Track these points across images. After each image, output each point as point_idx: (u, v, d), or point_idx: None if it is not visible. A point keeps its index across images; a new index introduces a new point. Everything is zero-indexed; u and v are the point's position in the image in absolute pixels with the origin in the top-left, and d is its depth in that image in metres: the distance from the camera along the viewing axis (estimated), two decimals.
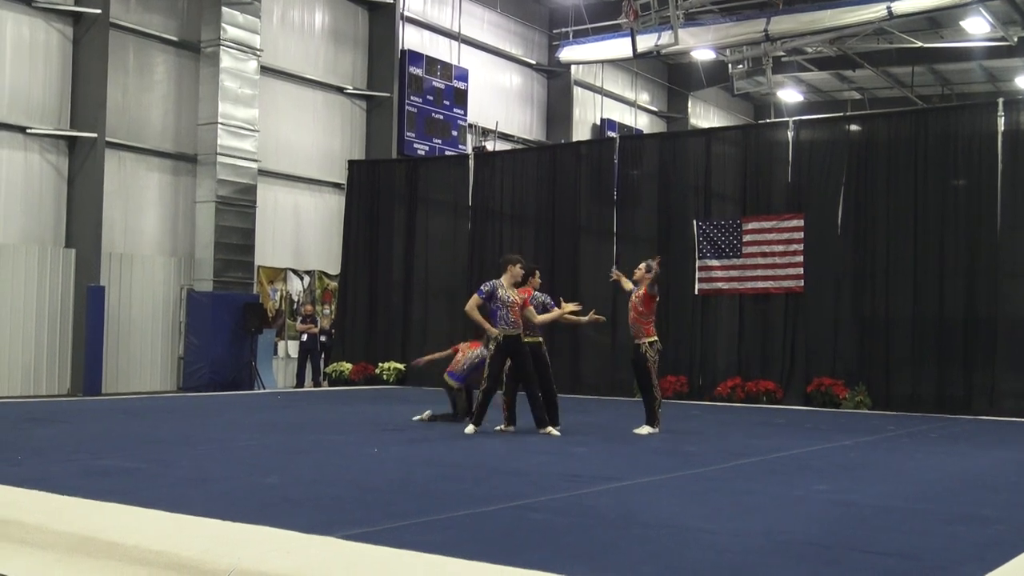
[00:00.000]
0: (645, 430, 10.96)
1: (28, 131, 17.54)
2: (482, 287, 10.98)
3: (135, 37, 19.11)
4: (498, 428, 11.04)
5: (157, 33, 19.46)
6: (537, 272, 11.52)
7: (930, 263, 15.50)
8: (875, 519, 6.29)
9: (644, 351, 11.00)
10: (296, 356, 21.42)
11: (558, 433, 10.65)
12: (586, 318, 11.70)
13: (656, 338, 11.10)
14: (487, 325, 10.88)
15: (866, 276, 16.03)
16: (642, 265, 11.13)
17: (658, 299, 11.13)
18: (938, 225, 15.50)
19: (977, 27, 26.01)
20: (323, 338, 21.33)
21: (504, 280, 10.94)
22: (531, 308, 11.02)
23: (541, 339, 11.25)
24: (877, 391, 15.57)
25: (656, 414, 11.10)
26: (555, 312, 11.44)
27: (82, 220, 18.01)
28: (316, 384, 20.95)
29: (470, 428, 10.85)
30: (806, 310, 16.45)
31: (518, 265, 11.10)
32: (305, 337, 21.00)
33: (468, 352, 12.05)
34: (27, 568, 5.19)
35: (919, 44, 27.41)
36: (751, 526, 5.90)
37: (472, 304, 10.95)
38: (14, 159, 17.44)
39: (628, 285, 11.37)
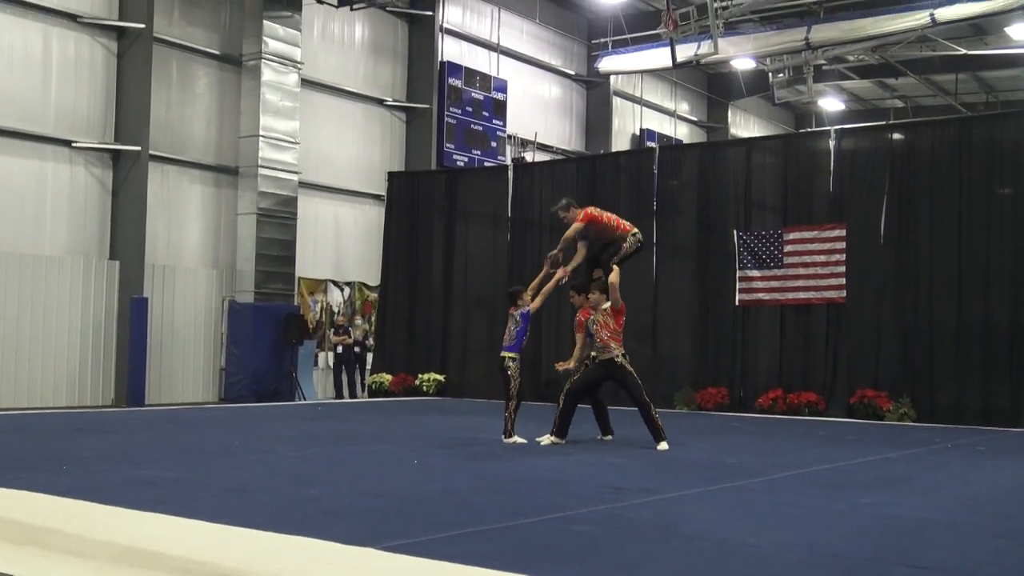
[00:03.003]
0: (663, 446, 10.54)
1: (73, 145, 17.80)
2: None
3: (178, 51, 19.34)
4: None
5: (200, 47, 19.69)
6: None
7: (975, 273, 15.29)
8: (920, 533, 6.21)
9: (619, 361, 10.75)
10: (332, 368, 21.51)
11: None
12: None
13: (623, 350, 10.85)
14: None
15: (909, 286, 15.84)
16: (591, 295, 10.87)
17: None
18: (983, 234, 15.29)
19: (1022, 33, 25.69)
20: (356, 349, 21.40)
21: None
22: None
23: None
24: (921, 403, 15.35)
25: (659, 426, 10.67)
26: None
27: (126, 232, 18.23)
28: (351, 395, 21.00)
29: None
30: (848, 321, 16.28)
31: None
32: (340, 348, 21.09)
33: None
34: None
35: (963, 51, 27.10)
36: (793, 539, 5.84)
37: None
38: (60, 172, 17.70)
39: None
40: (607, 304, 10.77)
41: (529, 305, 11.11)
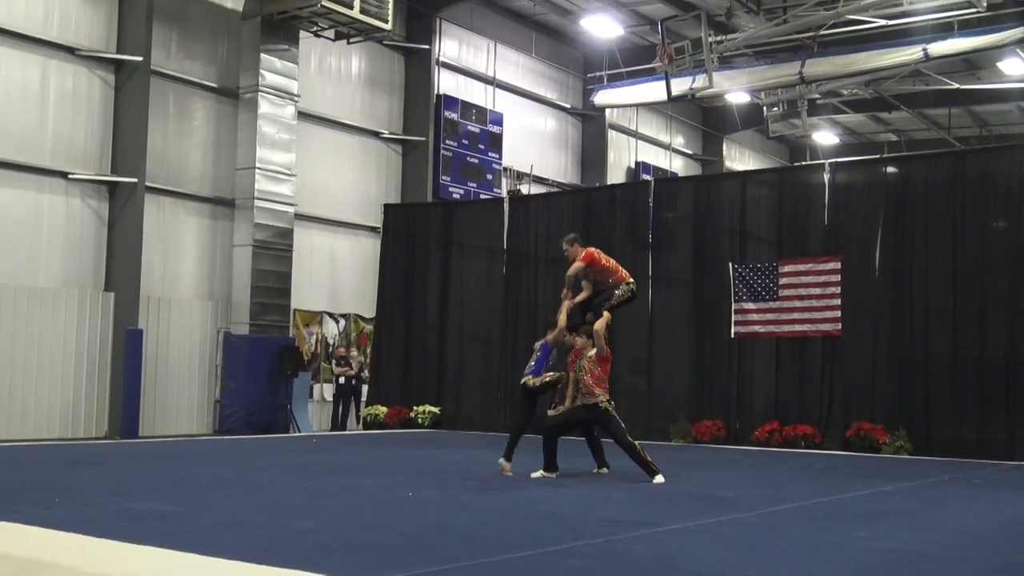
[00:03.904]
0: (659, 479, 10.50)
1: (70, 176, 17.82)
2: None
3: (175, 84, 19.41)
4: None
5: (197, 80, 19.76)
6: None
7: (970, 305, 15.31)
8: (917, 566, 6.18)
9: (603, 407, 10.71)
10: (332, 399, 21.43)
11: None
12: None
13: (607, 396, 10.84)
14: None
15: (905, 319, 15.86)
16: (578, 338, 10.89)
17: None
18: (978, 267, 15.33)
19: (1014, 68, 25.88)
20: (353, 381, 21.37)
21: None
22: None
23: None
24: (917, 436, 15.33)
25: (649, 462, 10.64)
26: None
27: (121, 264, 18.21)
28: (342, 427, 20.92)
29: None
30: (844, 353, 16.28)
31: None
32: (342, 380, 21.05)
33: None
34: None
35: (955, 86, 27.31)
36: (791, 573, 5.81)
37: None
38: (56, 204, 17.71)
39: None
40: (592, 351, 10.76)
41: (546, 339, 11.37)
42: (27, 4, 17.41)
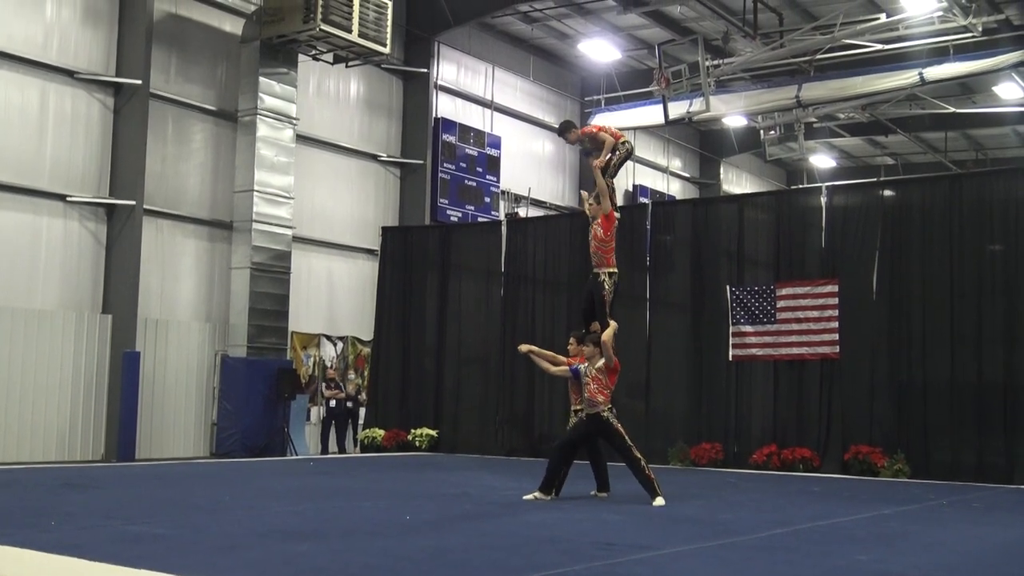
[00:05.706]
0: (659, 501, 10.47)
1: (68, 199, 17.83)
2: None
3: (174, 107, 19.46)
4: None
5: (196, 103, 19.82)
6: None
7: (967, 328, 15.30)
8: None
9: (605, 416, 10.71)
10: (321, 422, 21.37)
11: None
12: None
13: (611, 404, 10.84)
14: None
15: (903, 342, 15.84)
16: (585, 347, 10.98)
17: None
18: (975, 290, 15.33)
19: (1010, 92, 26.02)
20: (349, 404, 21.32)
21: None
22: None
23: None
24: (916, 459, 15.29)
25: (652, 480, 10.62)
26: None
27: (119, 286, 18.20)
28: (340, 450, 20.84)
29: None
30: (842, 376, 16.26)
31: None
32: (334, 403, 21.00)
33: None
34: None
35: (951, 110, 27.45)
36: None
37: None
38: (54, 226, 17.71)
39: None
40: (601, 362, 10.75)
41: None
42: (26, 27, 17.48)
